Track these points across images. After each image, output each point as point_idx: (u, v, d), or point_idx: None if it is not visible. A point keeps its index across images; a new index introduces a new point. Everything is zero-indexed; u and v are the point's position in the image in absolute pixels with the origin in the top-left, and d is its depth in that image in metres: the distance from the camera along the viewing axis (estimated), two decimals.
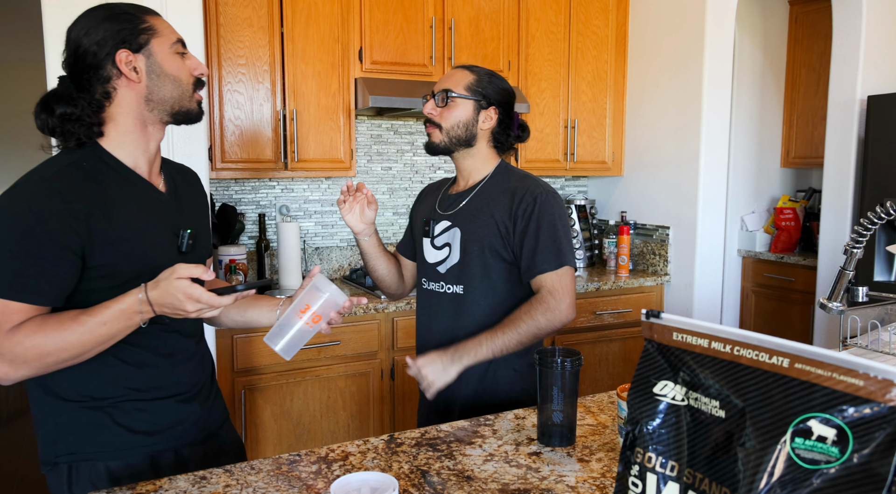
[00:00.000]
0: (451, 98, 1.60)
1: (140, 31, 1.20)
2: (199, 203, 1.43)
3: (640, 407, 0.75)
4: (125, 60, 1.18)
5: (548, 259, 1.55)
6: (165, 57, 1.22)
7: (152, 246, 1.23)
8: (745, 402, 0.66)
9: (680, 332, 0.73)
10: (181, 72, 1.24)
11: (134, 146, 1.24)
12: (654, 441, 0.74)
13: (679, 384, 0.73)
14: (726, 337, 0.69)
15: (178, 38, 1.25)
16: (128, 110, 1.22)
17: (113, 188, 1.20)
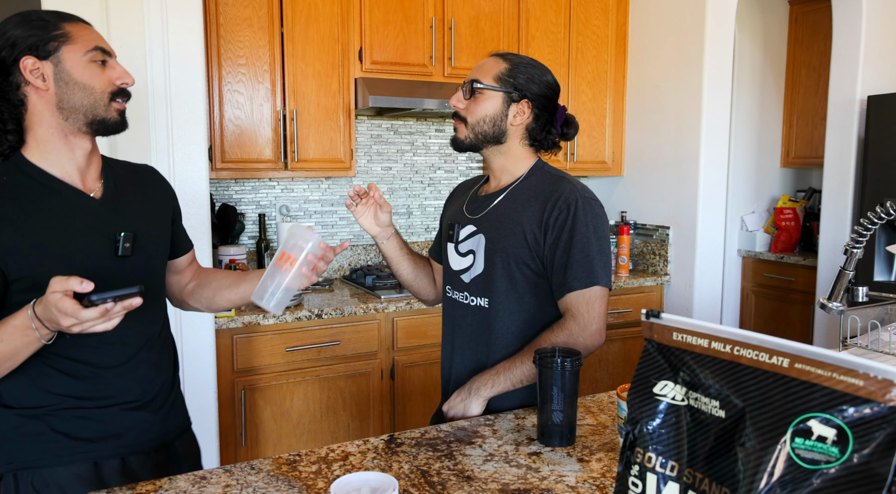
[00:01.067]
0: (479, 89, 1.44)
1: (50, 38, 1.17)
2: (153, 203, 1.38)
3: (640, 407, 0.75)
4: (30, 67, 1.16)
5: (577, 277, 1.38)
6: (75, 64, 1.18)
7: (80, 253, 1.20)
8: (745, 402, 0.66)
9: (680, 332, 0.73)
10: (93, 80, 1.20)
11: (56, 155, 1.22)
12: (654, 441, 0.74)
13: (679, 384, 0.73)
14: (726, 337, 0.69)
15: (97, 47, 1.20)
16: (42, 119, 1.20)
17: (30, 199, 1.18)
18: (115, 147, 2.20)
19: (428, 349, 2.80)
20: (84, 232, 1.22)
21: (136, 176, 1.39)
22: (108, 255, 1.24)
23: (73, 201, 1.23)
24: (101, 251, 1.24)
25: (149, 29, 2.17)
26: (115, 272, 1.25)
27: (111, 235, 1.25)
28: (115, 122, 1.24)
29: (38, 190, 1.19)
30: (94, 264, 1.22)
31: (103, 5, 2.15)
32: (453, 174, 3.52)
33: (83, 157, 1.25)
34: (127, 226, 1.28)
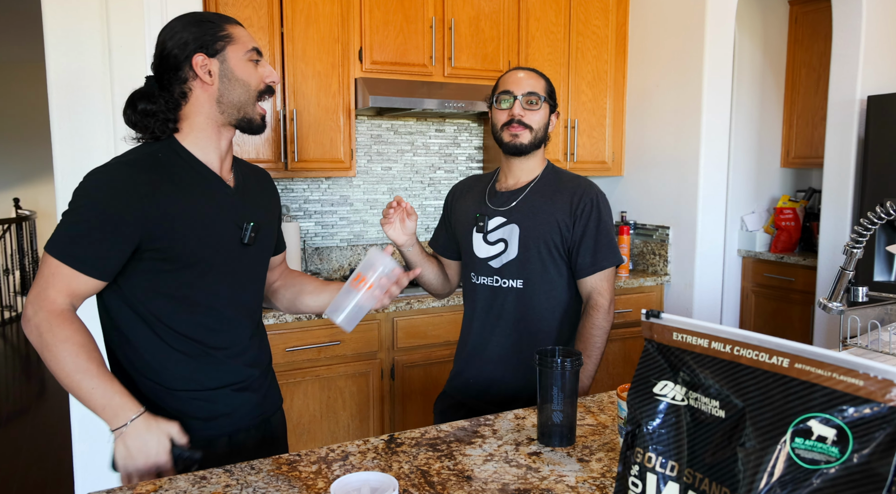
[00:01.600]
0: (542, 101, 1.66)
1: (218, 38, 1.29)
2: (267, 201, 1.50)
3: (640, 407, 0.75)
4: (201, 64, 1.28)
5: (606, 257, 1.66)
6: (238, 63, 1.30)
7: (214, 234, 1.31)
8: (745, 402, 0.67)
9: (680, 332, 0.73)
10: (251, 77, 1.32)
11: (206, 142, 1.33)
12: (654, 441, 0.74)
13: (679, 384, 0.73)
14: (726, 337, 0.69)
15: (254, 47, 1.33)
16: (201, 110, 1.31)
17: (182, 177, 1.29)
18: (116, 147, 2.20)
19: (428, 349, 2.80)
20: (219, 216, 1.33)
21: (257, 175, 1.52)
22: (235, 241, 1.35)
23: (214, 186, 1.34)
24: (230, 236, 1.34)
25: (149, 28, 2.17)
26: (239, 257, 1.36)
27: (240, 222, 1.36)
28: (257, 124, 1.36)
29: (187, 170, 1.30)
30: (223, 247, 1.33)
31: (103, 5, 2.15)
32: (453, 174, 3.52)
33: (226, 148, 1.37)
34: (252, 216, 1.39)
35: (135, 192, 1.22)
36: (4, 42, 6.64)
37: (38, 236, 7.91)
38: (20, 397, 4.61)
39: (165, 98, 1.30)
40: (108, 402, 1.19)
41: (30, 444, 3.71)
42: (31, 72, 7.49)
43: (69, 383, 1.19)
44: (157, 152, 1.30)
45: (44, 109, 2.43)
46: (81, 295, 1.24)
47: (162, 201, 1.24)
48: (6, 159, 8.20)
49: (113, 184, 1.23)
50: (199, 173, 1.33)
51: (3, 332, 6.50)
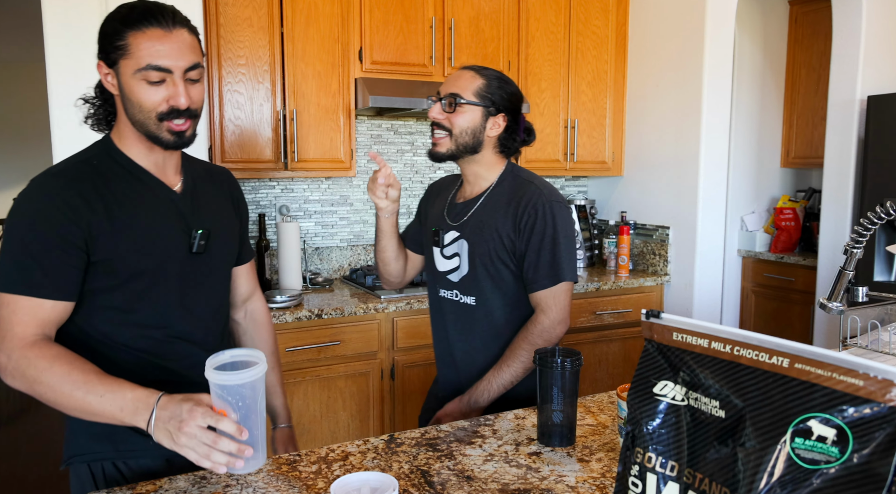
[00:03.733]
0: (460, 103, 1.54)
1: (112, 48, 1.15)
2: (225, 205, 1.40)
3: (640, 407, 0.75)
4: (102, 72, 1.19)
5: (546, 275, 1.54)
6: (128, 80, 1.16)
7: (158, 243, 1.22)
8: (744, 402, 0.66)
9: (680, 332, 0.73)
10: (142, 99, 1.16)
11: (137, 148, 1.24)
12: (654, 441, 0.74)
13: (679, 384, 0.73)
14: (726, 337, 0.69)
15: (150, 65, 1.14)
16: (122, 116, 1.22)
17: (118, 184, 1.20)
18: None
19: (428, 349, 2.80)
20: (164, 224, 1.24)
21: (212, 177, 1.41)
22: (183, 250, 1.26)
23: (157, 192, 1.25)
24: (176, 245, 1.25)
25: None
26: (188, 268, 1.27)
27: (188, 230, 1.26)
28: (167, 141, 1.20)
29: (124, 176, 1.22)
30: (169, 256, 1.24)
31: (103, 5, 2.15)
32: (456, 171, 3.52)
33: (159, 155, 1.26)
34: (202, 223, 1.29)
35: (68, 205, 1.13)
36: (4, 42, 6.64)
37: None
38: (20, 397, 4.61)
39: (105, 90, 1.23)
40: (122, 403, 1.06)
41: (30, 444, 3.71)
42: (31, 72, 7.49)
43: (75, 405, 1.08)
44: (92, 159, 1.22)
45: (44, 108, 2.43)
46: (52, 322, 1.14)
47: (97, 212, 1.15)
48: (6, 159, 8.20)
49: (45, 201, 1.13)
50: (139, 179, 1.23)
51: None
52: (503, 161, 1.65)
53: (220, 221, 1.35)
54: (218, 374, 1.02)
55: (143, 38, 1.14)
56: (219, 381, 1.01)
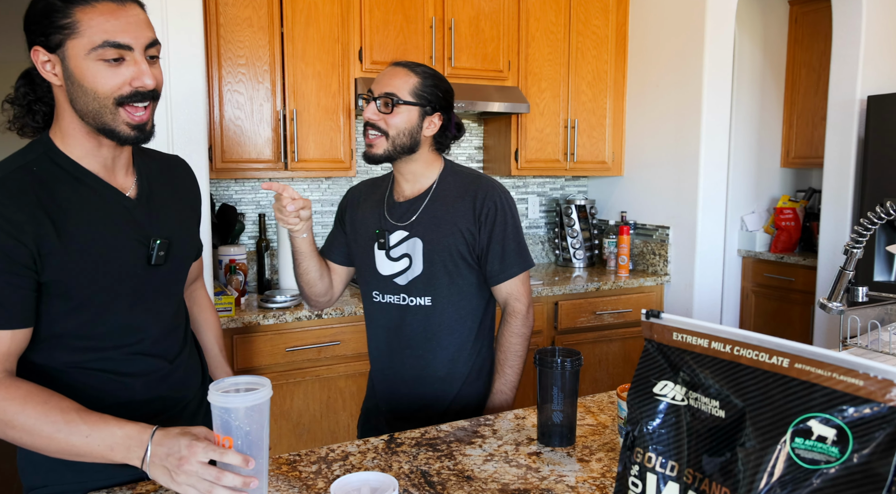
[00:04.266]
0: (397, 104, 1.49)
1: (56, 29, 0.99)
2: (183, 204, 1.28)
3: (640, 407, 0.75)
4: (41, 60, 1.02)
5: (516, 263, 1.56)
6: (80, 63, 1.00)
7: (113, 259, 1.09)
8: (745, 402, 0.67)
9: (680, 332, 0.73)
10: (97, 83, 1.01)
11: (82, 149, 1.08)
12: (654, 441, 0.74)
13: (679, 384, 0.73)
14: (726, 337, 0.69)
15: (107, 41, 0.99)
16: (63, 112, 1.07)
17: (65, 194, 1.06)
18: None
19: None
20: (118, 236, 1.11)
21: (169, 172, 1.27)
22: (140, 263, 1.14)
23: (108, 200, 1.11)
24: (133, 258, 1.13)
25: None
26: (146, 282, 1.15)
27: (145, 241, 1.14)
28: (124, 135, 1.05)
29: (71, 184, 1.07)
30: (126, 271, 1.12)
31: None
32: None
33: (108, 154, 1.11)
34: (161, 231, 1.17)
35: (10, 222, 0.99)
36: (4, 42, 6.63)
37: None
38: None
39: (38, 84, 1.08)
40: (111, 442, 0.96)
41: None
42: None
43: (58, 447, 0.97)
44: (32, 165, 1.06)
45: None
46: (13, 354, 1.02)
47: (44, 226, 1.02)
48: None
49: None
50: (87, 185, 1.08)
51: None
52: (440, 157, 1.62)
53: (180, 226, 1.23)
54: (223, 397, 0.96)
55: (93, 13, 0.99)
56: (224, 404, 0.95)
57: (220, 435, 0.96)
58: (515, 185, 3.71)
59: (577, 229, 3.58)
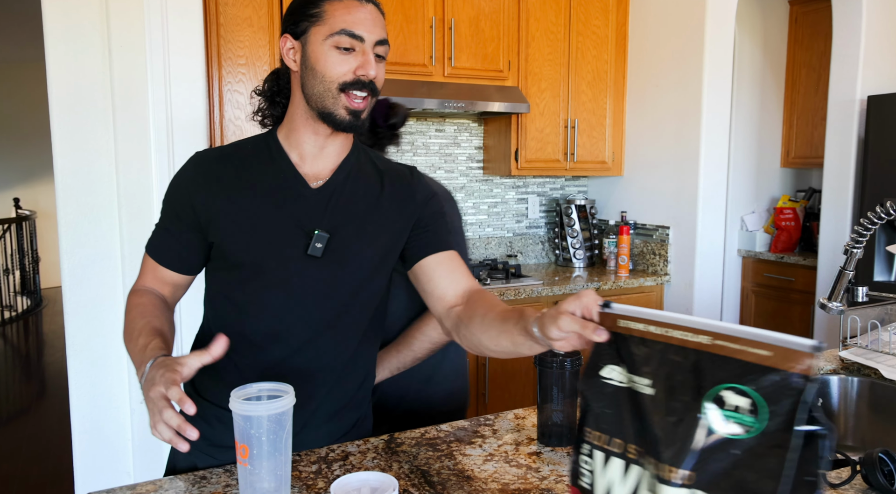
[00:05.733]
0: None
1: (305, 17, 1.12)
2: (380, 207, 1.21)
3: (589, 390, 0.80)
4: (286, 47, 1.15)
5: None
6: (317, 48, 1.11)
7: (269, 238, 1.14)
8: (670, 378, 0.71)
9: (623, 318, 0.77)
10: (326, 67, 1.10)
11: (295, 136, 1.18)
12: (601, 420, 0.78)
13: (622, 366, 0.77)
14: (659, 321, 0.73)
15: (344, 30, 1.09)
16: (294, 98, 1.18)
17: (254, 172, 1.17)
18: (115, 148, 2.20)
19: None
20: (283, 219, 1.15)
21: (381, 175, 1.24)
22: (297, 250, 1.15)
23: (288, 185, 1.17)
24: (291, 243, 1.15)
25: (149, 29, 2.17)
26: (299, 271, 1.15)
27: (310, 230, 1.15)
28: (341, 120, 1.13)
29: (266, 164, 1.18)
30: (280, 253, 1.15)
31: (103, 5, 2.15)
32: (453, 174, 3.52)
33: (318, 144, 1.18)
34: (333, 225, 1.16)
35: (192, 183, 1.17)
36: (4, 42, 6.63)
37: (38, 236, 7.91)
38: (20, 397, 4.61)
39: (282, 78, 1.22)
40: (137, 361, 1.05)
41: (30, 444, 3.71)
42: (31, 72, 7.49)
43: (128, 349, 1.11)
44: (247, 144, 1.21)
45: (44, 108, 2.43)
46: (167, 284, 1.22)
47: (217, 193, 1.15)
48: (6, 159, 8.20)
49: (176, 178, 1.20)
50: (277, 168, 1.17)
51: (4, 332, 6.50)
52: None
53: (361, 226, 1.19)
54: (245, 405, 0.95)
55: (339, 5, 1.11)
56: (245, 412, 0.95)
57: (237, 442, 0.95)
58: (515, 185, 3.71)
59: (577, 228, 3.58)
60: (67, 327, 2.21)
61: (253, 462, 0.95)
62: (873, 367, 1.68)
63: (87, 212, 2.20)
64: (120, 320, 1.20)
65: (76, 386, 2.22)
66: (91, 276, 2.21)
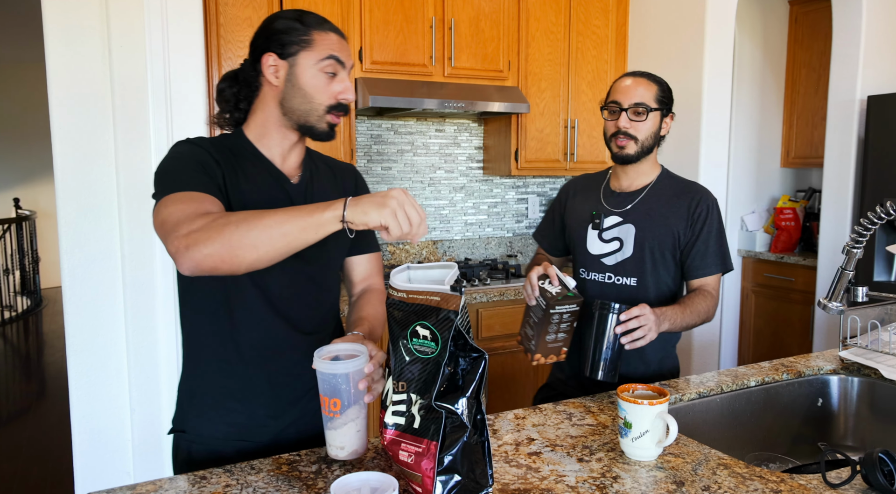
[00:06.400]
0: (645, 112, 1.66)
1: (295, 41, 1.26)
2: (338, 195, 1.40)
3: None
4: (268, 63, 1.27)
5: (716, 263, 1.71)
6: (305, 71, 1.26)
7: None
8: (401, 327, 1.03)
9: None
10: (316, 89, 1.27)
11: (268, 139, 1.33)
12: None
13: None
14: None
15: (331, 55, 1.27)
16: (266, 107, 1.31)
17: (243, 165, 1.29)
18: (115, 148, 2.20)
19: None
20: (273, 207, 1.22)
21: (333, 171, 1.48)
22: None
23: (276, 179, 1.33)
24: None
25: (149, 29, 2.17)
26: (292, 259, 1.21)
27: None
28: (321, 132, 1.32)
29: (250, 160, 1.31)
30: None
31: (103, 5, 2.15)
32: (453, 174, 3.52)
33: (288, 146, 1.35)
34: None
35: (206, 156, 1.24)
36: (4, 42, 6.63)
37: (38, 236, 7.91)
38: (20, 397, 4.61)
39: (243, 85, 1.32)
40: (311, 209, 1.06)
41: (30, 444, 3.71)
42: (31, 72, 7.49)
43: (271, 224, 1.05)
44: (225, 141, 1.32)
45: (44, 108, 2.43)
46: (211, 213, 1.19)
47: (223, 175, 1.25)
48: (6, 159, 8.20)
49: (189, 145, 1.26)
50: (261, 165, 1.32)
51: (4, 332, 6.50)
52: (658, 161, 1.80)
53: None
54: (330, 365, 1.10)
55: (325, 36, 1.28)
56: (331, 371, 1.10)
57: (327, 397, 1.11)
58: (515, 185, 3.71)
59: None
60: (67, 327, 2.21)
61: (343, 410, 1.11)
62: (873, 367, 1.68)
63: (87, 212, 2.20)
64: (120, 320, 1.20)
65: (76, 386, 2.22)
66: (91, 276, 2.21)
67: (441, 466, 0.97)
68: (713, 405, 1.58)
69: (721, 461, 1.19)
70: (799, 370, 1.73)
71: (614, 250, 1.74)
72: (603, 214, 1.76)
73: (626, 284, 1.72)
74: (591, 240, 1.77)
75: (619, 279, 1.73)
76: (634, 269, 1.72)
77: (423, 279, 1.10)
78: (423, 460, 0.97)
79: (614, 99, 1.69)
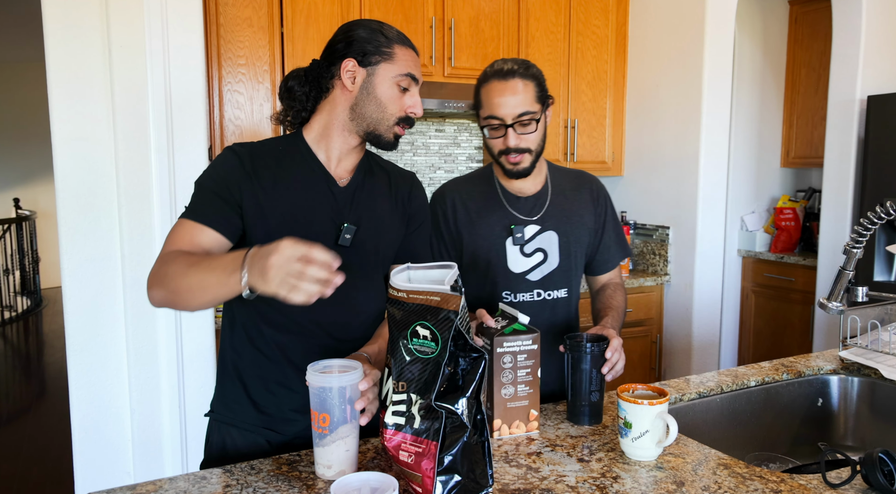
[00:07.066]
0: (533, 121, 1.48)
1: (377, 52, 1.29)
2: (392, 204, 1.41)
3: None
4: (347, 68, 1.29)
5: (619, 251, 1.67)
6: (382, 82, 1.30)
7: (303, 230, 1.23)
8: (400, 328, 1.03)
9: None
10: (389, 100, 1.30)
11: (327, 141, 1.34)
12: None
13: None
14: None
15: (408, 73, 1.31)
16: (334, 110, 1.32)
17: (290, 168, 1.31)
18: (115, 148, 2.20)
19: None
20: (315, 212, 1.31)
21: (390, 177, 1.44)
22: (329, 241, 1.30)
23: (320, 182, 1.33)
24: (323, 234, 1.30)
25: (149, 29, 2.17)
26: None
27: (339, 222, 1.32)
28: (387, 141, 1.34)
29: (298, 163, 1.32)
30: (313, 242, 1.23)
31: (103, 5, 2.15)
32: (453, 174, 3.52)
33: (346, 150, 1.35)
34: (357, 218, 1.34)
35: (239, 171, 1.26)
36: (4, 42, 6.63)
37: (38, 236, 7.91)
38: (20, 397, 4.61)
39: (312, 85, 1.33)
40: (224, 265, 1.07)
41: (30, 444, 3.71)
42: (31, 72, 7.49)
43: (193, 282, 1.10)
44: (278, 144, 1.34)
45: (44, 108, 2.43)
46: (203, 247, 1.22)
47: (258, 186, 1.26)
48: (6, 159, 8.20)
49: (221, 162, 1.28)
50: (309, 167, 1.32)
51: (4, 332, 6.50)
52: None
53: (380, 219, 1.37)
54: (317, 376, 1.08)
55: (405, 52, 1.32)
56: (322, 384, 1.07)
57: (317, 412, 1.08)
58: None
59: None
60: (67, 327, 2.21)
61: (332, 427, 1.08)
62: (873, 367, 1.68)
63: (87, 212, 2.20)
64: (120, 320, 1.21)
65: (76, 386, 2.22)
66: (91, 276, 2.21)
67: (441, 466, 0.97)
68: (713, 405, 1.59)
69: (721, 461, 1.19)
70: (799, 370, 1.73)
71: (538, 263, 1.55)
72: (520, 225, 1.54)
73: (558, 297, 1.57)
74: (513, 257, 1.54)
75: (549, 294, 1.56)
76: (562, 279, 1.57)
77: (423, 279, 1.10)
78: (423, 460, 0.97)
79: (493, 114, 1.47)
